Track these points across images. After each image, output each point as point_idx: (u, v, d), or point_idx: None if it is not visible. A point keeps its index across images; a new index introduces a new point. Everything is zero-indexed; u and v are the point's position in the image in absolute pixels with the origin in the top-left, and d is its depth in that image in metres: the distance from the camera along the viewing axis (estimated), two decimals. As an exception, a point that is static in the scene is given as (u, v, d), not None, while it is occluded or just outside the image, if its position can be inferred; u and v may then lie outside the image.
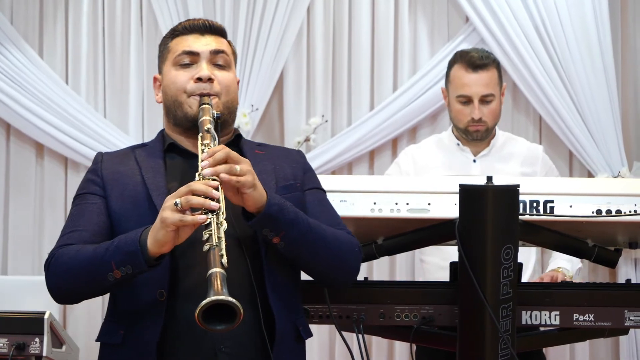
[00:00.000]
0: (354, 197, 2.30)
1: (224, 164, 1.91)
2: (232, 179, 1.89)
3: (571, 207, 2.28)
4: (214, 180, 1.88)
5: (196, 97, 2.12)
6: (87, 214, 2.08)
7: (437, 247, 3.01)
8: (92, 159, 2.21)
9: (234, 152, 1.94)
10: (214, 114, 2.08)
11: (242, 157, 1.95)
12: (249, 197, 1.91)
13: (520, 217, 2.23)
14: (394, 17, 4.45)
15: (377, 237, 2.40)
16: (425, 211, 2.30)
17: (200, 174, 1.91)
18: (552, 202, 2.28)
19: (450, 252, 2.53)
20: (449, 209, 2.27)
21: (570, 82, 4.27)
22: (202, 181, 1.88)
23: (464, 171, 3.27)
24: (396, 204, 2.30)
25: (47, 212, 4.46)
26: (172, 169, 2.13)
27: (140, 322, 1.99)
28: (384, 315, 2.34)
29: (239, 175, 1.90)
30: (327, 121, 4.42)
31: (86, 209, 2.09)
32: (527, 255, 3.28)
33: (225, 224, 1.83)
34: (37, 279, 4.21)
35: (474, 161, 3.32)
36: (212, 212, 1.83)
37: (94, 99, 4.47)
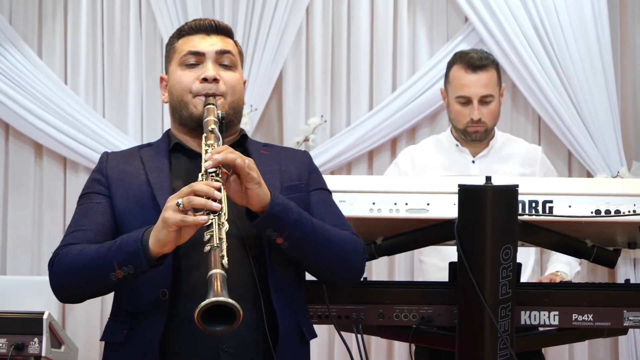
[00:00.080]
0: (353, 197, 2.30)
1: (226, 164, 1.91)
2: (244, 166, 1.88)
3: (570, 207, 2.28)
4: (217, 181, 1.88)
5: (201, 98, 2.12)
6: (91, 213, 2.08)
7: (436, 248, 3.01)
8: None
9: (238, 152, 1.94)
10: (218, 114, 2.08)
11: (246, 157, 1.95)
12: (253, 195, 1.91)
13: (519, 217, 2.23)
14: (393, 17, 4.44)
15: (376, 238, 2.40)
16: (424, 211, 2.30)
17: (203, 174, 1.91)
18: (551, 202, 2.28)
19: (448, 253, 2.53)
20: (448, 209, 2.27)
21: (569, 82, 4.26)
22: (205, 182, 1.88)
23: (462, 172, 3.26)
24: (395, 204, 2.30)
25: (46, 212, 4.46)
26: (177, 168, 2.13)
27: (142, 321, 1.99)
28: (383, 315, 2.34)
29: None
30: (326, 121, 4.42)
31: (90, 208, 2.09)
32: (526, 255, 3.28)
33: (227, 225, 1.83)
34: (36, 279, 4.22)
35: (473, 162, 3.32)
36: (214, 213, 1.83)
37: (93, 99, 4.47)
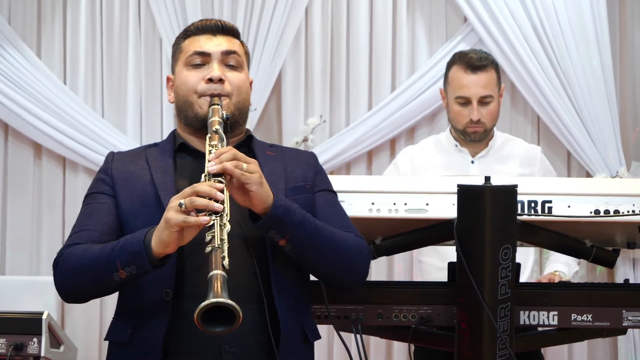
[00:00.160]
0: (352, 197, 2.30)
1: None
2: (236, 171, 1.88)
3: (569, 207, 2.28)
4: (220, 182, 1.88)
5: (207, 98, 2.13)
6: (96, 213, 2.08)
7: (435, 248, 3.01)
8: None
9: (241, 153, 1.94)
10: (223, 114, 2.07)
11: (249, 158, 1.95)
12: (255, 196, 1.90)
13: (518, 217, 2.23)
14: (392, 17, 4.44)
15: (375, 238, 2.39)
16: (423, 211, 2.30)
17: (206, 175, 1.91)
18: (550, 202, 2.28)
19: (447, 253, 2.53)
20: (447, 209, 2.27)
21: (568, 82, 4.26)
22: (207, 183, 1.87)
23: (462, 172, 3.26)
24: (394, 204, 2.30)
25: (45, 212, 4.46)
26: (182, 168, 2.13)
27: (146, 321, 1.99)
28: (382, 315, 2.34)
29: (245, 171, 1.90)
30: (325, 121, 4.42)
31: (95, 208, 2.09)
32: (525, 255, 3.28)
33: (228, 226, 1.83)
34: (35, 279, 4.22)
35: (472, 162, 3.32)
36: (216, 214, 1.83)
37: (92, 99, 4.46)
